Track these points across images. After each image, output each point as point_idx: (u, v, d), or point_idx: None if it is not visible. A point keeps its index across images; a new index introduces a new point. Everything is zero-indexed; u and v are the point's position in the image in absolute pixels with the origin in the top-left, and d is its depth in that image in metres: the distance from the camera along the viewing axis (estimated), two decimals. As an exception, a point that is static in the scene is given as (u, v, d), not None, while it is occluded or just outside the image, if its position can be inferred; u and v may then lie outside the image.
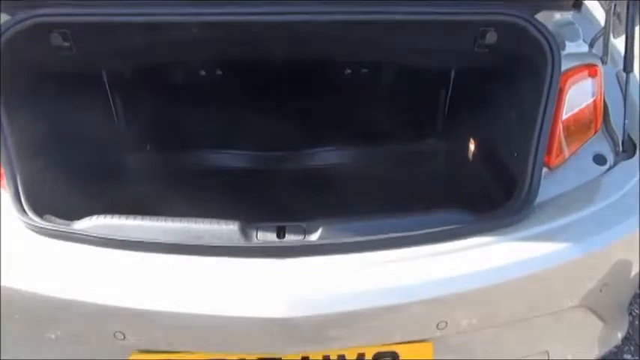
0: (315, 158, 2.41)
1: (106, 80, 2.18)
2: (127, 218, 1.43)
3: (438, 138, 2.43)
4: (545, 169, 1.54)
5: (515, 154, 1.68)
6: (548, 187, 1.53)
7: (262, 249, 1.36)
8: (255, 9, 1.51)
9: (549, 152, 1.54)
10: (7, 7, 1.51)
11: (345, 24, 1.53)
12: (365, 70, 2.47)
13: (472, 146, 2.17)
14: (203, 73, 2.41)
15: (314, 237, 1.41)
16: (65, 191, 1.75)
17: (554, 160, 1.56)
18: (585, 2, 1.84)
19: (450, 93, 2.34)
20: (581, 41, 1.73)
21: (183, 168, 2.33)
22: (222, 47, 1.78)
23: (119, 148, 2.32)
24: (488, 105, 1.99)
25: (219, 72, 2.42)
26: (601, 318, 1.60)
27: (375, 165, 2.38)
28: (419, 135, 2.45)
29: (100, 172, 2.04)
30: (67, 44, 1.58)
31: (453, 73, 2.24)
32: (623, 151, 1.64)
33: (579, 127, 1.61)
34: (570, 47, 1.68)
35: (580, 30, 1.75)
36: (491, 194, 1.88)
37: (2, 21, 1.50)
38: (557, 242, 1.40)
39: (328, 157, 2.41)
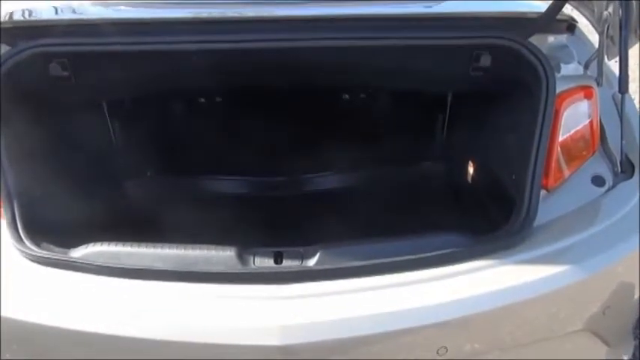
0: (314, 183, 2.41)
1: (105, 106, 2.20)
2: (123, 245, 1.43)
3: (436, 161, 2.44)
4: (543, 192, 1.53)
5: (513, 177, 1.68)
6: (547, 210, 1.52)
7: (260, 275, 1.35)
8: (253, 36, 1.53)
9: (547, 174, 1.54)
10: (6, 37, 1.54)
11: (339, 50, 1.55)
12: (363, 95, 2.49)
13: (471, 168, 2.17)
14: (202, 100, 2.43)
15: (312, 262, 1.40)
16: (64, 218, 1.75)
17: (552, 182, 1.56)
18: (578, 25, 1.86)
19: (448, 116, 2.36)
20: (575, 63, 1.75)
21: (182, 194, 2.33)
22: (222, 74, 1.80)
23: (118, 174, 2.33)
24: (486, 128, 2.00)
25: (218, 99, 2.44)
26: (605, 342, 1.58)
27: (374, 189, 2.38)
28: (417, 158, 2.46)
29: (99, 199, 2.04)
30: (66, 74, 1.60)
31: (450, 97, 2.26)
32: (622, 171, 1.63)
33: (576, 149, 1.61)
34: (565, 69, 1.69)
35: (574, 52, 1.77)
36: (490, 216, 1.88)
37: (2, 51, 1.53)
38: (557, 265, 1.39)
39: (327, 182, 2.41)
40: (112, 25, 1.61)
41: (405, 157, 2.46)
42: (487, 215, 1.89)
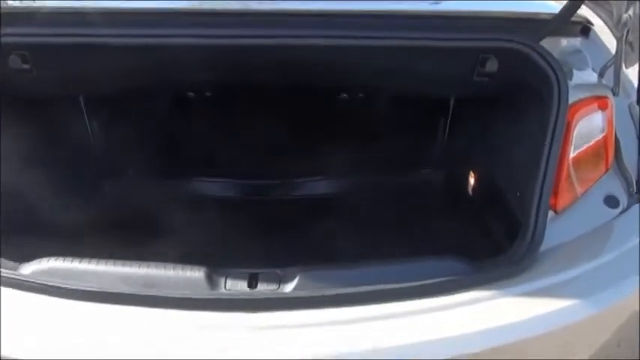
0: (303, 188, 2.26)
1: (81, 99, 2.05)
2: (79, 262, 1.27)
3: (435, 168, 2.29)
4: (550, 213, 1.38)
5: (518, 193, 1.53)
6: (555, 233, 1.37)
7: (229, 302, 1.20)
8: (239, 31, 1.38)
9: (555, 194, 1.39)
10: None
11: (338, 49, 1.40)
12: (361, 95, 2.34)
13: (472, 179, 2.02)
14: (191, 95, 2.27)
15: (290, 287, 1.25)
16: (27, 224, 1.60)
17: (561, 203, 1.41)
18: (594, 28, 1.70)
19: (449, 121, 2.20)
20: (590, 70, 1.60)
21: (161, 196, 2.18)
22: (208, 72, 1.64)
23: (96, 173, 2.18)
24: (490, 136, 1.85)
25: (208, 94, 2.28)
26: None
27: (368, 196, 2.24)
28: (416, 164, 2.31)
29: (69, 201, 1.90)
30: (26, 67, 1.45)
31: (452, 101, 2.10)
32: (637, 191, 1.48)
33: (589, 166, 1.45)
34: (578, 77, 1.54)
35: (589, 58, 1.61)
36: (491, 234, 1.73)
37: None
38: (565, 297, 1.23)
39: (317, 187, 2.26)
40: (80, 15, 1.46)
41: (404, 163, 2.30)
42: (488, 233, 1.74)
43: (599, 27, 1.73)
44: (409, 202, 2.19)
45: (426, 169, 2.29)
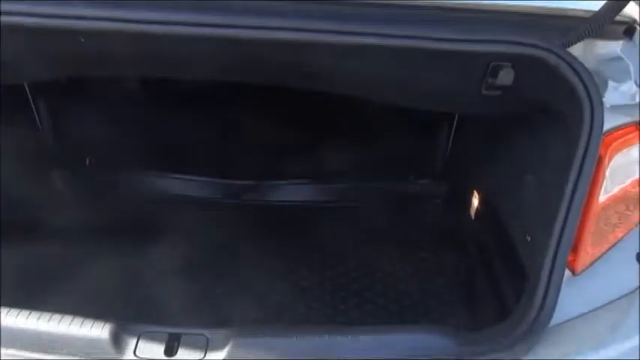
0: (282, 192, 1.98)
1: (26, 87, 1.76)
2: None
3: (435, 179, 1.97)
4: (567, 273, 1.07)
5: (528, 237, 1.21)
6: (571, 300, 1.06)
7: None
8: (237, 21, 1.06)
9: (576, 249, 1.07)
10: None
11: (306, 47, 1.08)
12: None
13: (475, 200, 1.71)
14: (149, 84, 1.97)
15: (218, 356, 0.97)
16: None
17: (582, 261, 1.09)
18: (641, 29, 1.36)
19: (454, 129, 1.88)
20: (632, 84, 1.26)
21: (115, 192, 1.91)
22: (164, 66, 1.32)
23: (45, 164, 1.90)
24: (499, 155, 1.53)
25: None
26: None
27: (355, 206, 1.94)
28: (413, 173, 2.00)
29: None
30: None
31: None
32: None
33: (621, 214, 1.13)
34: (616, 94, 1.20)
35: (631, 67, 1.27)
36: (493, 277, 1.43)
37: None
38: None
39: (298, 191, 1.98)
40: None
41: (399, 170, 2.00)
42: (489, 274, 1.44)
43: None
44: (401, 217, 1.89)
45: (425, 180, 1.98)
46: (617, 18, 1.20)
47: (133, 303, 1.35)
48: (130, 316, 1.27)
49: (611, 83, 1.22)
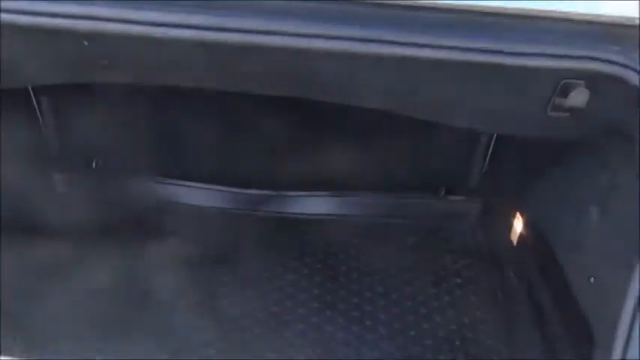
0: (298, 205, 1.84)
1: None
2: None
3: (470, 197, 1.82)
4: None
5: (592, 280, 1.07)
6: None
7: None
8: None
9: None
10: None
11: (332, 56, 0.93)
12: None
13: (518, 224, 1.55)
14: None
15: None
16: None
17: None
18: None
19: (495, 136, 1.72)
20: None
21: (122, 200, 1.78)
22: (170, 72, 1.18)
23: (48, 166, 1.78)
24: (551, 174, 1.37)
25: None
26: None
27: (378, 224, 1.80)
28: (444, 188, 1.85)
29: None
30: None
31: None
32: None
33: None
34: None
35: None
36: (538, 313, 1.28)
37: None
38: None
39: (318, 204, 1.83)
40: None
41: (428, 184, 1.84)
42: (533, 310, 1.30)
43: None
44: (431, 236, 1.75)
45: (458, 196, 1.83)
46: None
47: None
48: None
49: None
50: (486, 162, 1.76)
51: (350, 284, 1.54)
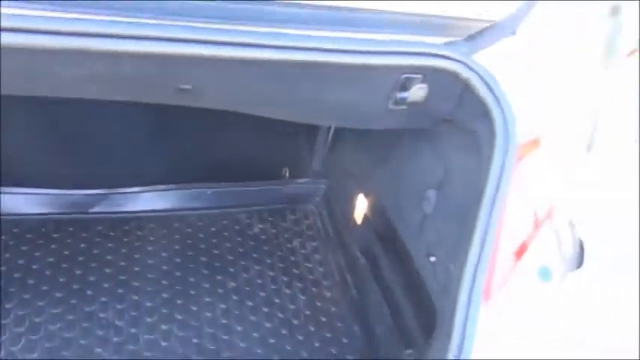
0: (140, 201, 1.69)
1: None
2: None
3: (314, 178, 1.84)
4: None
5: (432, 259, 1.14)
6: (485, 327, 1.00)
7: None
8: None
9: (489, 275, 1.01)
10: None
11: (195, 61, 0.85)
12: None
13: (362, 205, 1.61)
14: None
15: None
16: None
17: (495, 286, 1.04)
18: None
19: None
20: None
21: None
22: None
23: None
24: (390, 157, 1.43)
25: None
26: None
27: (224, 215, 1.74)
28: (288, 170, 1.84)
29: None
30: None
31: None
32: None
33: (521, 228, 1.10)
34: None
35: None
36: (386, 291, 1.35)
37: None
38: None
39: (159, 199, 1.71)
40: None
41: (274, 169, 1.83)
42: (381, 290, 1.36)
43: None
44: (280, 222, 1.74)
45: (303, 179, 1.84)
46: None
47: None
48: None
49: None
50: (329, 145, 1.79)
51: (201, 282, 1.48)
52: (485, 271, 0.96)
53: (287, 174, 1.86)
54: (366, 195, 1.57)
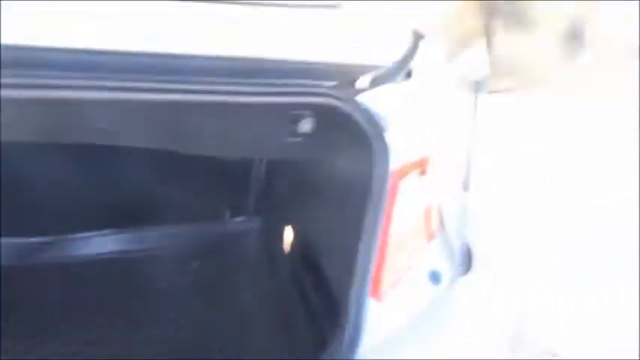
0: (82, 246, 1.81)
1: None
2: None
3: (250, 216, 2.01)
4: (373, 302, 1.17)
5: (337, 272, 1.31)
6: (378, 325, 1.17)
7: None
8: None
9: (376, 280, 1.19)
10: None
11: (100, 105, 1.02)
12: None
13: (289, 235, 1.77)
14: None
15: None
16: None
17: (384, 288, 1.21)
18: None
19: (265, 161, 1.93)
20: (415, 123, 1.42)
21: None
22: None
23: None
24: (307, 187, 1.61)
25: None
26: None
27: (166, 254, 1.87)
28: (229, 211, 2.00)
29: None
30: None
31: None
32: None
33: (412, 239, 1.29)
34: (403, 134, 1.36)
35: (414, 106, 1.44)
36: (310, 310, 1.50)
37: None
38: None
39: (102, 244, 1.84)
40: None
41: (213, 209, 1.98)
42: (307, 310, 1.51)
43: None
44: (220, 259, 1.88)
45: (240, 218, 2.01)
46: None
47: None
48: None
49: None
50: (262, 183, 1.97)
51: (138, 315, 1.58)
52: (369, 274, 1.14)
53: (229, 216, 2.02)
54: (293, 226, 1.74)
